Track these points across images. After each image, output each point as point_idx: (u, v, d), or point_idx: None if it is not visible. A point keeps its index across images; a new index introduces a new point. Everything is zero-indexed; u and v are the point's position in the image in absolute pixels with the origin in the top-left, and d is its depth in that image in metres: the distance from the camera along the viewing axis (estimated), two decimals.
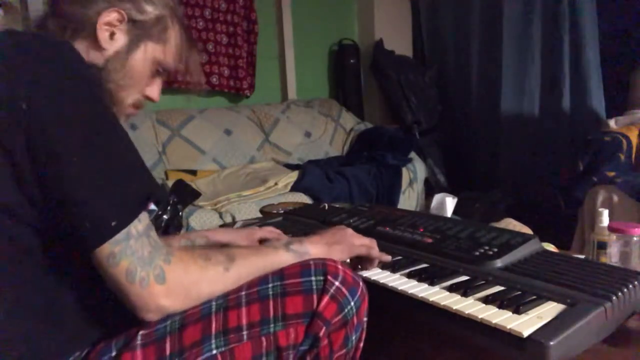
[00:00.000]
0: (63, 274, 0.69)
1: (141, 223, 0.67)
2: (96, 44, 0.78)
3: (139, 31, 0.81)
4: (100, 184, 0.64)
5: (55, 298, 0.69)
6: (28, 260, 0.66)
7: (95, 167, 0.65)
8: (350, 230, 0.94)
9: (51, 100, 0.63)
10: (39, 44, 0.67)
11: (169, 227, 1.94)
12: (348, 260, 0.98)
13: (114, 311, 0.68)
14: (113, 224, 0.64)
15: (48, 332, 0.68)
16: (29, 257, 0.66)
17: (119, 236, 0.64)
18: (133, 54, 0.81)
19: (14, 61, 0.64)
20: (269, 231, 1.17)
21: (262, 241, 1.15)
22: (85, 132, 0.65)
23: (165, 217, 1.94)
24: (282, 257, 0.80)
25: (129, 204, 0.66)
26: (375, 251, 0.95)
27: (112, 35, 0.79)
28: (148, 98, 0.87)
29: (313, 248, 0.84)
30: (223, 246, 1.09)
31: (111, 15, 0.78)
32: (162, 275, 0.67)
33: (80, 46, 0.77)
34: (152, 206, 0.70)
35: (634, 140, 2.33)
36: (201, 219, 2.08)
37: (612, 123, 2.47)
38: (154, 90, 0.88)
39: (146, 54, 0.82)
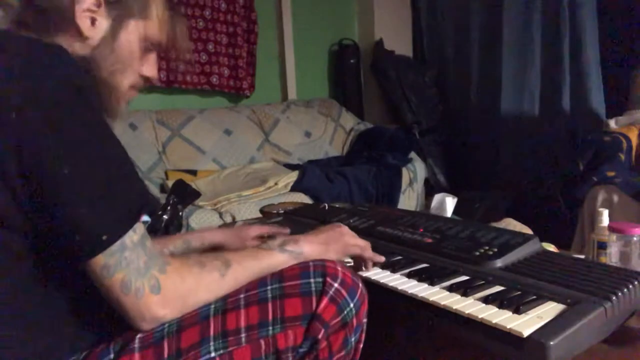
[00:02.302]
0: (57, 280, 0.68)
1: (136, 233, 0.66)
2: (79, 34, 0.74)
3: (119, 11, 0.76)
4: (91, 198, 0.63)
5: (49, 303, 0.68)
6: (20, 267, 0.65)
7: (86, 179, 0.63)
8: (345, 229, 0.94)
9: (42, 111, 0.61)
10: (30, 50, 0.65)
11: (169, 227, 1.94)
12: (351, 261, 0.98)
13: (111, 315, 0.68)
14: (104, 238, 0.63)
15: (43, 336, 0.68)
16: (21, 264, 0.65)
17: (114, 248, 0.64)
18: (118, 37, 0.77)
19: (5, 68, 0.63)
20: (261, 228, 1.16)
21: (259, 238, 1.15)
22: (77, 143, 0.63)
23: (165, 217, 1.93)
24: (278, 258, 0.80)
25: (121, 217, 0.65)
26: (368, 252, 0.95)
27: (93, 21, 0.74)
28: (145, 77, 0.84)
29: (307, 247, 0.84)
30: (216, 247, 1.09)
31: (87, 1, 0.73)
32: (158, 285, 0.66)
33: (64, 39, 0.73)
34: (146, 217, 0.69)
35: (634, 140, 2.33)
36: (201, 219, 2.08)
37: (612, 123, 2.47)
38: (150, 67, 0.84)
39: (131, 32, 0.78)
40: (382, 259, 0.97)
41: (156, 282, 0.66)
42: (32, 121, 0.61)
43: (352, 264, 0.98)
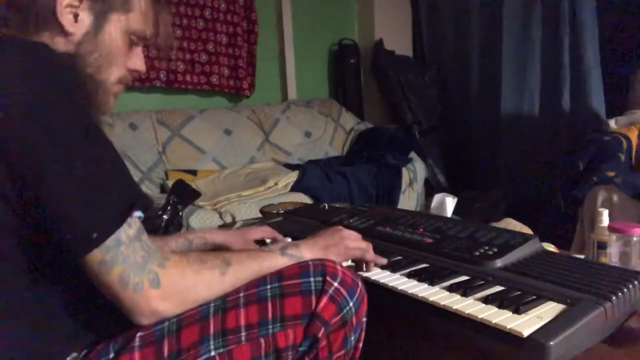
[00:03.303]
0: (56, 278, 0.68)
1: (132, 228, 0.66)
2: (62, 31, 0.73)
3: (102, 6, 0.75)
4: (79, 196, 0.63)
5: (49, 301, 0.68)
6: (17, 266, 0.65)
7: (74, 177, 0.63)
8: (346, 232, 0.94)
9: (28, 110, 0.61)
10: (14, 49, 0.65)
11: (169, 227, 1.94)
12: (350, 262, 0.98)
13: (110, 313, 0.68)
14: (94, 235, 0.62)
15: (43, 334, 0.68)
16: (18, 263, 0.65)
17: (109, 243, 0.63)
18: (102, 31, 0.76)
19: None
20: (263, 231, 1.17)
21: (258, 242, 1.15)
22: (63, 141, 0.63)
23: (165, 217, 1.93)
24: (278, 261, 0.80)
25: (111, 213, 0.65)
26: (370, 254, 0.95)
27: (75, 17, 0.73)
28: (133, 70, 0.83)
29: (308, 252, 0.84)
30: (218, 248, 1.10)
31: None
32: (157, 279, 0.66)
33: (46, 36, 0.72)
34: (139, 213, 0.69)
35: (634, 140, 2.33)
36: (201, 219, 2.08)
37: (612, 123, 2.47)
38: (136, 61, 0.83)
39: (115, 26, 0.77)
40: (384, 260, 0.97)
41: (155, 276, 0.66)
42: (18, 121, 0.60)
43: (352, 265, 0.98)
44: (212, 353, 0.68)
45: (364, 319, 0.78)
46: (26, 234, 0.64)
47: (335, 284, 0.73)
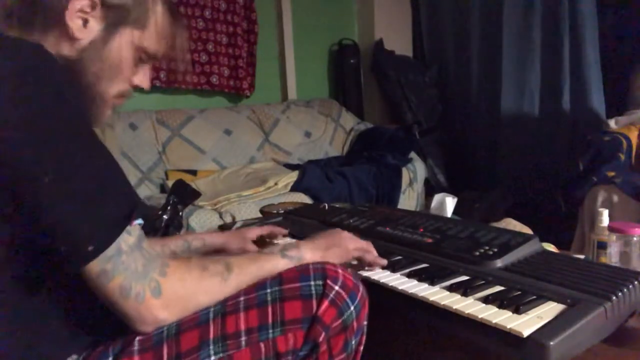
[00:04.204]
0: (51, 284, 0.67)
1: (132, 236, 0.65)
2: (68, 34, 0.70)
3: (115, 17, 0.73)
4: (74, 208, 0.61)
5: (45, 306, 0.67)
6: (11, 274, 0.64)
7: (68, 189, 0.60)
8: (345, 233, 0.93)
9: (22, 116, 0.59)
10: (9, 50, 0.62)
11: (169, 227, 1.94)
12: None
13: (109, 316, 0.67)
14: (90, 248, 0.60)
15: (40, 338, 0.67)
16: (13, 271, 0.64)
17: (110, 252, 0.62)
18: (110, 43, 0.73)
19: None
20: (261, 229, 1.16)
21: (257, 240, 1.15)
22: (59, 148, 0.60)
23: (165, 217, 1.93)
24: (279, 263, 0.79)
25: (108, 225, 0.63)
26: (370, 255, 0.95)
27: (85, 23, 0.71)
28: (137, 87, 0.80)
29: (308, 253, 0.84)
30: (218, 251, 1.09)
31: (82, 2, 0.70)
32: (158, 288, 0.66)
33: (52, 38, 0.70)
34: (139, 221, 0.67)
35: (634, 140, 2.33)
36: (201, 219, 2.08)
37: (612, 123, 2.47)
38: (142, 78, 0.80)
39: (125, 40, 0.74)
40: (384, 262, 0.97)
41: (157, 285, 0.66)
42: (10, 128, 0.58)
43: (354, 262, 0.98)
44: (212, 358, 0.67)
45: (365, 323, 0.77)
46: (23, 244, 0.63)
47: (337, 288, 0.73)
